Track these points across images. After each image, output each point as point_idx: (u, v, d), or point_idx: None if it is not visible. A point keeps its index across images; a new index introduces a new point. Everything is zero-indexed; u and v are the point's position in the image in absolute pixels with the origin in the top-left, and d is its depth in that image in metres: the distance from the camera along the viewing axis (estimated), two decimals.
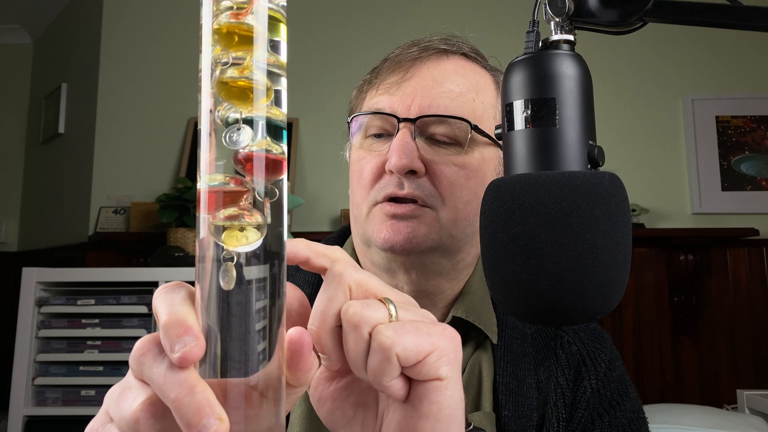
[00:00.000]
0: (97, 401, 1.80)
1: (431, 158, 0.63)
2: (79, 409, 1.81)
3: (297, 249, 0.36)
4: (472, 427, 0.41)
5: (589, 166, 0.39)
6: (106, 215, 2.45)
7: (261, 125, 0.32)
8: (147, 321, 1.86)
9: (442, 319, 0.67)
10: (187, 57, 2.62)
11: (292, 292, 0.36)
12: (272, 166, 0.32)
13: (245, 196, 0.32)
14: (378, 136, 0.66)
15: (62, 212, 2.80)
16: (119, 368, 1.84)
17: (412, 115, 0.63)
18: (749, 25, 0.40)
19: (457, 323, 0.65)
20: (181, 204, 2.20)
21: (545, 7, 0.42)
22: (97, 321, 1.86)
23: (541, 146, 0.39)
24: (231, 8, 0.32)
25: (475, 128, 0.64)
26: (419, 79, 0.65)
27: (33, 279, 1.86)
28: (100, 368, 1.84)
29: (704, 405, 1.75)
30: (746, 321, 2.40)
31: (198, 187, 0.32)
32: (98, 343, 1.85)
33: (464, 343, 0.66)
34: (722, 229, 2.40)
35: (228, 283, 0.31)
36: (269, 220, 0.32)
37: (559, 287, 0.36)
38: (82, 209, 2.55)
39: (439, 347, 0.33)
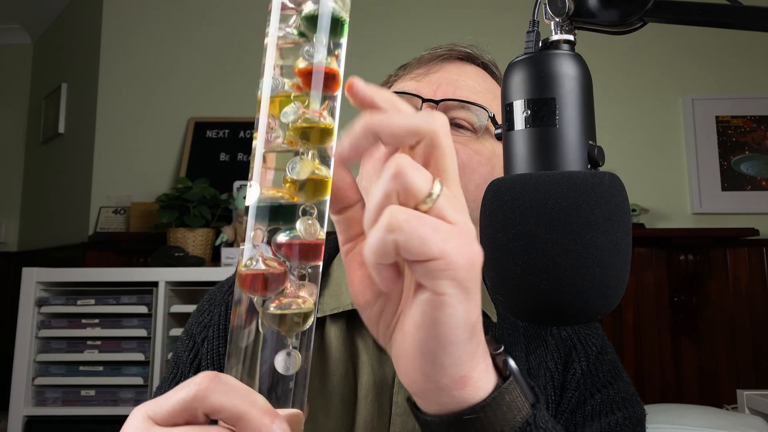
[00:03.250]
0: (97, 401, 1.80)
1: None
2: (79, 409, 1.80)
3: (377, 98, 0.34)
4: (502, 349, 0.39)
5: (589, 166, 0.39)
6: (106, 215, 2.45)
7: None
8: (147, 321, 1.86)
9: None
10: (188, 57, 2.62)
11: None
12: (313, 250, 0.34)
13: (288, 281, 0.34)
14: None
15: (62, 212, 2.80)
16: (119, 368, 1.84)
17: (437, 98, 0.67)
18: (749, 25, 0.40)
19: None
20: (181, 204, 2.20)
21: (545, 7, 0.42)
22: (97, 321, 1.86)
23: (541, 146, 0.39)
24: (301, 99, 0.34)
25: (493, 118, 0.67)
26: (444, 72, 0.71)
27: (33, 279, 1.86)
28: (100, 368, 1.84)
29: (704, 405, 1.75)
30: (746, 321, 2.40)
31: (241, 270, 0.34)
32: (98, 343, 1.85)
33: None
34: (722, 229, 2.40)
35: (292, 368, 0.33)
36: (315, 300, 0.34)
37: (559, 287, 0.36)
38: (82, 209, 2.55)
39: (447, 257, 0.30)
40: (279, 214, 0.34)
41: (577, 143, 0.39)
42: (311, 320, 0.34)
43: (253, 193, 0.34)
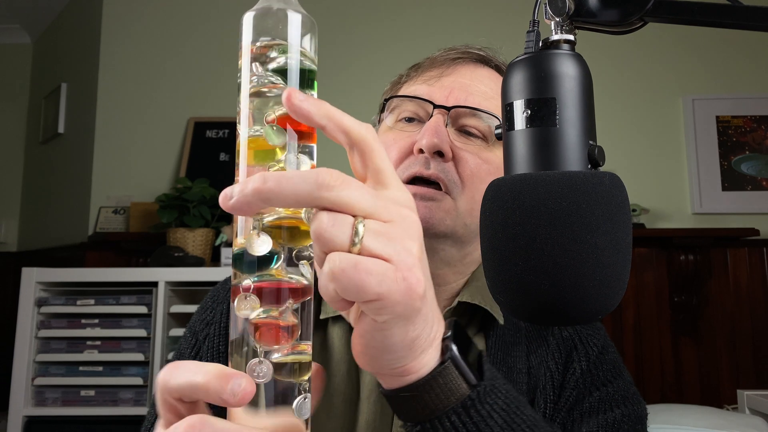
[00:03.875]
0: (97, 401, 1.80)
1: (459, 146, 0.66)
2: (78, 409, 1.80)
3: (313, 113, 0.34)
4: (449, 335, 0.41)
5: (589, 166, 0.39)
6: (106, 215, 2.45)
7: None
8: (147, 321, 1.86)
9: (448, 305, 0.68)
10: (188, 57, 2.62)
11: None
12: (301, 293, 0.35)
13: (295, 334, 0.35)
14: (410, 120, 0.70)
15: (62, 212, 2.80)
16: (119, 368, 1.84)
17: (449, 104, 0.67)
18: (749, 25, 0.40)
19: (463, 309, 0.67)
20: (180, 204, 2.20)
21: (545, 6, 0.42)
22: (96, 321, 1.86)
23: (542, 146, 0.39)
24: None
25: None
26: (457, 76, 0.70)
27: (33, 279, 1.86)
28: (100, 368, 1.84)
29: (704, 405, 1.75)
30: (746, 321, 2.40)
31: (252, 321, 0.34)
32: (98, 343, 1.85)
33: (466, 329, 0.67)
34: (722, 229, 2.40)
35: (305, 414, 0.35)
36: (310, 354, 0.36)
37: (559, 287, 0.36)
38: (82, 209, 2.55)
39: (385, 298, 0.32)
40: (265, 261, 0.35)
41: (578, 143, 0.39)
42: (311, 366, 0.36)
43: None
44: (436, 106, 0.67)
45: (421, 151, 0.64)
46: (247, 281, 0.34)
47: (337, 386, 0.63)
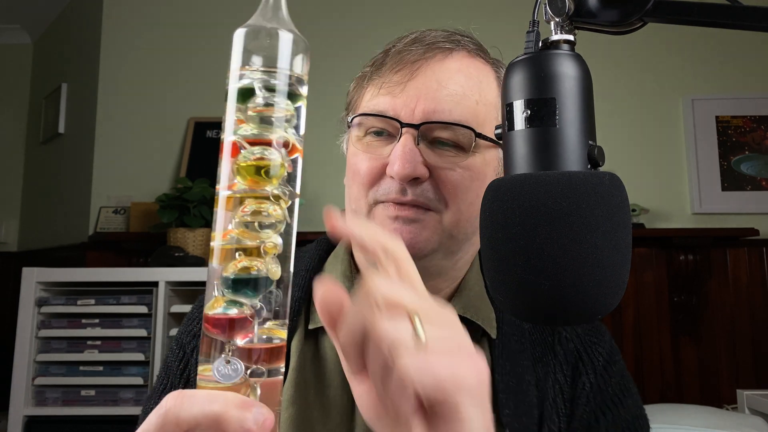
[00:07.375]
0: (97, 401, 1.80)
1: (435, 163, 0.62)
2: (79, 409, 1.80)
3: (361, 235, 0.38)
4: None
5: (589, 166, 0.39)
6: (106, 215, 2.45)
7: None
8: (147, 321, 1.86)
9: None
10: (188, 57, 2.62)
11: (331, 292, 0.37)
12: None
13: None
14: (378, 134, 0.65)
15: (62, 212, 2.80)
16: (119, 368, 1.84)
17: (416, 121, 0.62)
18: (749, 25, 0.40)
19: None
20: (181, 204, 2.19)
21: (545, 7, 0.42)
22: (97, 321, 1.86)
23: (541, 146, 0.39)
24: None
25: (479, 135, 0.63)
26: (423, 81, 0.63)
27: (33, 279, 1.86)
28: (100, 368, 1.84)
29: (704, 405, 1.75)
30: (746, 321, 2.40)
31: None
32: (98, 343, 1.85)
33: None
34: (722, 229, 2.40)
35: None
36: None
37: (559, 287, 0.36)
38: (82, 209, 2.55)
39: (462, 386, 0.32)
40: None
41: (577, 143, 0.39)
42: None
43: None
44: (403, 125, 0.61)
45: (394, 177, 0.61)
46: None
47: (332, 397, 0.62)
